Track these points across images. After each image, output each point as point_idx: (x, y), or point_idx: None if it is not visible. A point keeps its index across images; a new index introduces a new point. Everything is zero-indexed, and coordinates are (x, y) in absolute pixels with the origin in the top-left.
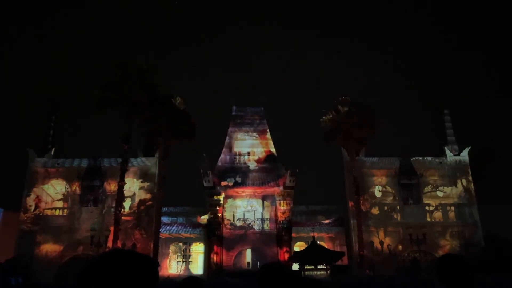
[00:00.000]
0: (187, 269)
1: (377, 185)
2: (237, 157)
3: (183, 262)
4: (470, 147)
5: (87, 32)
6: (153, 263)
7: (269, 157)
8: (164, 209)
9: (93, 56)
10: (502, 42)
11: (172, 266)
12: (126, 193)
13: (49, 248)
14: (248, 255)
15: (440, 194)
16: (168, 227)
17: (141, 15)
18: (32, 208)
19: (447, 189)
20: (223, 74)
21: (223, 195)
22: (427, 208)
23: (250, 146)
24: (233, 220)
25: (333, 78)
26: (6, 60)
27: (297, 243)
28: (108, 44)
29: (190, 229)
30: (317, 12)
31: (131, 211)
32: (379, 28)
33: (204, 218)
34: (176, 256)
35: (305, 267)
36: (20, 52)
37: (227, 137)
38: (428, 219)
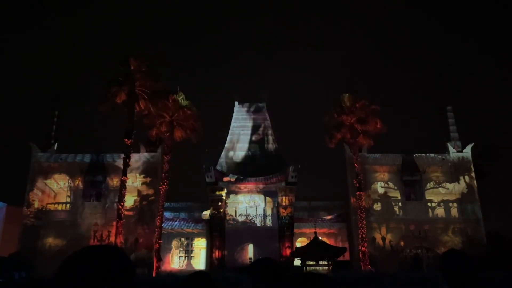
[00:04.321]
0: (189, 264)
1: (379, 181)
2: (239, 152)
3: (185, 257)
4: (473, 144)
5: (89, 27)
6: (127, 260)
7: (271, 152)
8: (167, 204)
9: (96, 51)
10: (505, 38)
11: (174, 261)
12: (128, 188)
13: (52, 242)
14: (250, 251)
15: (442, 190)
16: (170, 222)
17: (144, 10)
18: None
19: (450, 186)
20: (225, 69)
21: (225, 190)
22: (429, 204)
23: (252, 142)
24: (235, 216)
25: (336, 74)
26: (8, 56)
27: (299, 239)
28: (112, 38)
29: (193, 225)
30: (320, 8)
31: (134, 206)
32: (383, 25)
33: (206, 214)
34: (179, 251)
35: (307, 263)
36: (22, 47)
37: (230, 133)
38: (430, 216)
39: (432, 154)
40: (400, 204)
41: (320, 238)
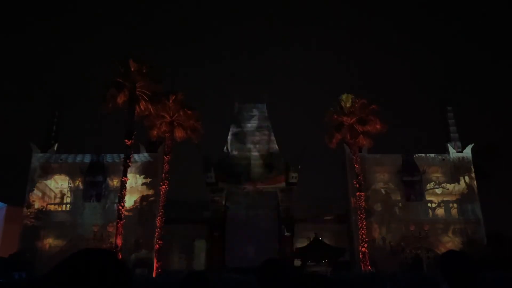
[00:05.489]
0: (189, 265)
1: (379, 181)
2: (240, 153)
3: (185, 257)
4: (473, 144)
5: (89, 26)
6: (120, 263)
7: (271, 153)
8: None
9: (95, 51)
10: (505, 38)
11: (174, 262)
12: (129, 189)
13: (52, 243)
14: (250, 251)
15: (441, 191)
16: (170, 223)
17: (144, 9)
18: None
19: (450, 186)
20: (226, 70)
21: (225, 191)
22: (429, 205)
23: (252, 142)
24: (235, 216)
25: (336, 75)
26: (9, 56)
27: (299, 240)
28: (111, 38)
29: (193, 225)
30: (321, 9)
31: (134, 206)
32: (383, 25)
33: (206, 214)
34: (178, 252)
35: (307, 263)
36: (22, 47)
37: (230, 134)
38: (431, 216)
39: (432, 155)
40: (400, 204)
41: (320, 238)
